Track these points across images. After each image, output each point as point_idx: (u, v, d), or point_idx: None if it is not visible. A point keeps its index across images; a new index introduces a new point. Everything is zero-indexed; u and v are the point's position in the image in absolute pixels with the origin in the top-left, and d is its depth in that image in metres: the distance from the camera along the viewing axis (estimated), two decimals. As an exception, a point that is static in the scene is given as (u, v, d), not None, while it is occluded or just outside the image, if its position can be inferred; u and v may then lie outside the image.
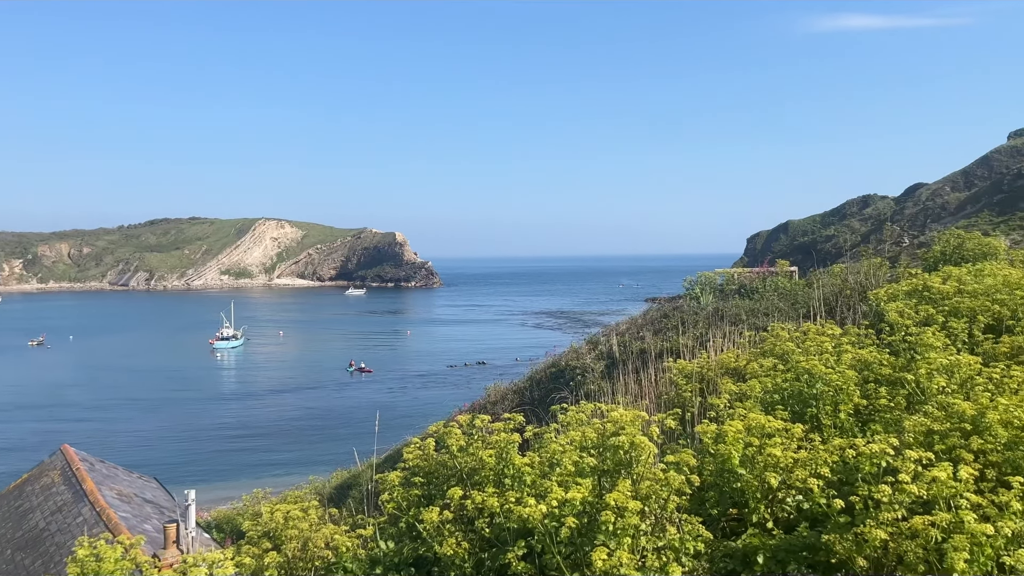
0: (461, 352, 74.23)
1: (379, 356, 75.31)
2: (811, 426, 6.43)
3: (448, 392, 52.98)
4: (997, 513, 4.19)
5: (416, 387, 59.74)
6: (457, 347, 78.59)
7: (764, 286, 18.74)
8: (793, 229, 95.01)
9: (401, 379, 63.52)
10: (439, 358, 72.72)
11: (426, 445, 5.66)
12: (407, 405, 50.62)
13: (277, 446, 43.16)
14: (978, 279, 9.06)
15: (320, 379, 64.27)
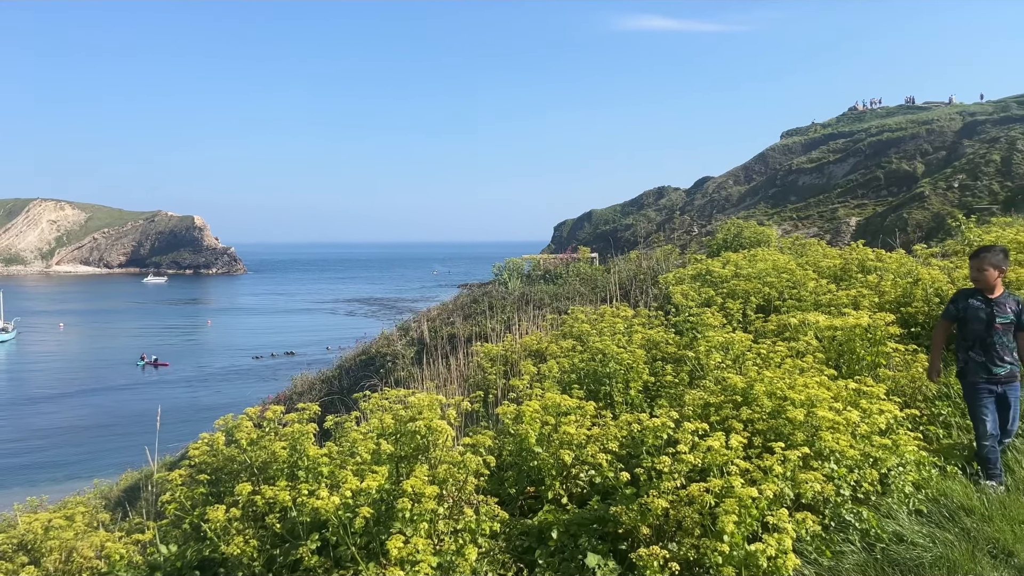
0: (268, 342, 71.06)
1: (176, 348, 70.37)
2: (605, 403, 6.73)
3: (253, 385, 50.59)
4: (762, 476, 4.58)
5: (218, 380, 56.47)
6: (263, 337, 75.16)
7: (567, 272, 19.48)
8: (596, 218, 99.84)
9: (201, 372, 59.78)
10: (243, 349, 69.21)
11: (215, 440, 5.30)
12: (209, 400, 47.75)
13: (57, 449, 39.16)
14: (752, 264, 9.91)
15: (108, 375, 59.01)
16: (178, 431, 23.34)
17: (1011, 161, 53.93)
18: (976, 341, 5.47)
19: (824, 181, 69.95)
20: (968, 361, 5.52)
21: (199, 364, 62.97)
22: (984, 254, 5.54)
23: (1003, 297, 5.49)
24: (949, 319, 5.63)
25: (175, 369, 60.55)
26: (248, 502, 4.42)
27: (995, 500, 4.97)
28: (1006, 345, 5.45)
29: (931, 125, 67.50)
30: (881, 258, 9.23)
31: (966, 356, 5.54)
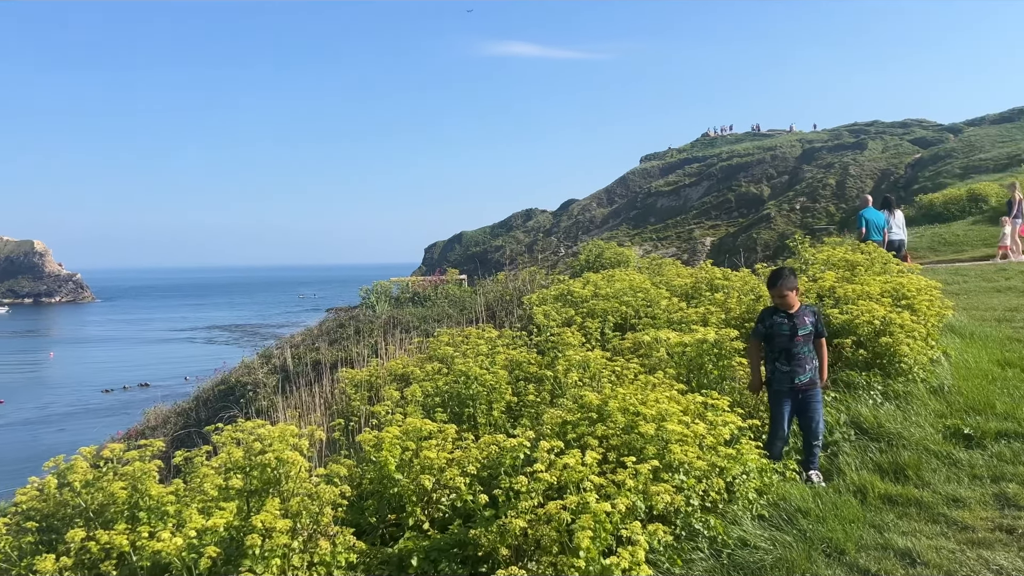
0: (119, 374, 66.37)
1: (12, 385, 64.60)
2: (469, 425, 6.75)
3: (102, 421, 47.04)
4: (616, 491, 4.71)
5: (62, 418, 52.17)
6: (114, 369, 70.16)
7: (436, 294, 19.44)
8: (467, 240, 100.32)
9: (43, 410, 55.03)
10: (92, 382, 64.32)
11: (46, 483, 4.89)
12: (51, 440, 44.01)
13: None
14: (610, 284, 10.24)
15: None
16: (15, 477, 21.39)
17: (844, 185, 58.69)
18: (782, 353, 5.98)
19: (681, 203, 73.50)
20: (775, 371, 6.00)
21: (40, 401, 57.99)
22: (781, 282, 6.03)
23: (801, 311, 6.03)
24: (759, 337, 6.10)
25: (12, 408, 55.56)
26: (81, 549, 4.10)
27: (828, 502, 5.34)
28: (807, 355, 5.97)
29: (775, 151, 72.47)
30: (728, 277, 9.79)
31: (773, 367, 6.03)
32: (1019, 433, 6.21)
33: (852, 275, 9.11)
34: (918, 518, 5.13)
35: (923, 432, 6.36)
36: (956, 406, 6.85)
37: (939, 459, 5.92)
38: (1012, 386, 7.36)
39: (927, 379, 7.30)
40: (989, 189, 28.37)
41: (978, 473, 5.68)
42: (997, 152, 47.36)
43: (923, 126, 68.90)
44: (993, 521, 5.00)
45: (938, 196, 30.44)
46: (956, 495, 5.37)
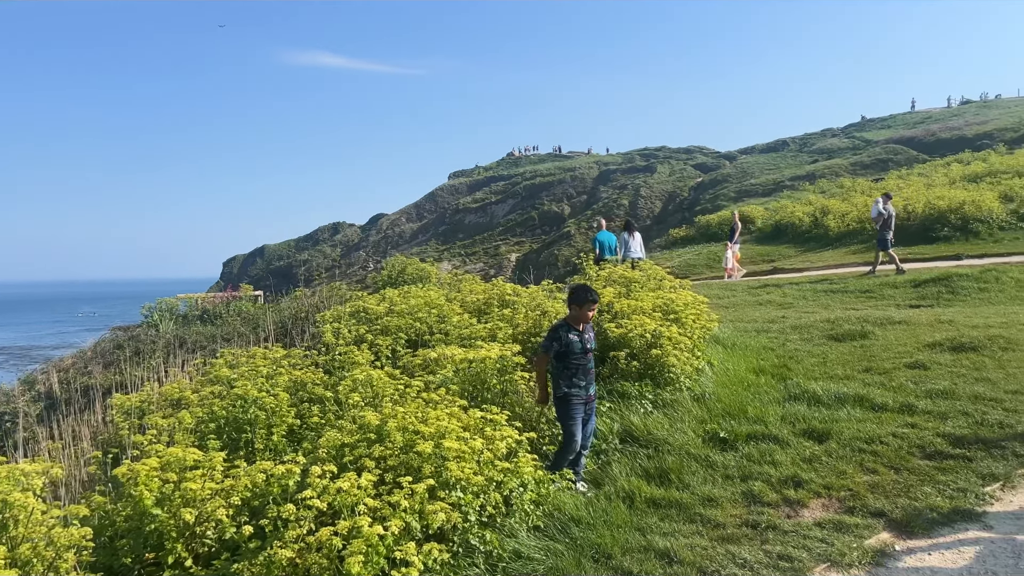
0: None
1: None
2: (247, 451, 6.40)
3: None
4: (391, 512, 4.65)
5: None
6: None
7: (228, 311, 18.42)
8: (269, 253, 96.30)
9: None
10: None
11: None
12: None
13: None
14: (406, 300, 10.19)
15: None
16: None
17: (637, 205, 62.76)
18: (578, 369, 6.15)
19: (488, 220, 75.13)
20: (573, 386, 6.12)
21: None
22: (592, 299, 6.25)
23: (588, 327, 6.29)
24: (551, 353, 6.13)
25: None
26: None
27: (599, 509, 5.59)
28: (593, 369, 6.25)
29: (574, 172, 76.09)
30: (518, 293, 10.07)
31: (571, 382, 6.12)
32: (766, 435, 6.87)
33: (628, 291, 9.70)
34: (678, 519, 5.50)
35: (686, 437, 6.85)
36: (715, 412, 7.45)
37: (698, 462, 6.40)
38: (763, 391, 8.14)
39: (692, 387, 7.89)
40: (755, 212, 31.47)
41: (730, 473, 6.19)
42: (765, 178, 52.76)
43: (704, 152, 75.33)
44: (741, 517, 5.47)
45: (713, 217, 33.34)
46: (711, 495, 5.82)
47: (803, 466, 6.22)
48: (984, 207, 22.22)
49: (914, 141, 54.07)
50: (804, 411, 7.43)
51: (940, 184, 28.85)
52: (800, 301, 15.46)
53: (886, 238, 17.96)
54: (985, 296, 14.07)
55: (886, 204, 18.20)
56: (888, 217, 18.07)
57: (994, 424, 6.86)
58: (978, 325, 10.90)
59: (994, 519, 5.26)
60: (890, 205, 18.30)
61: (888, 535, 5.12)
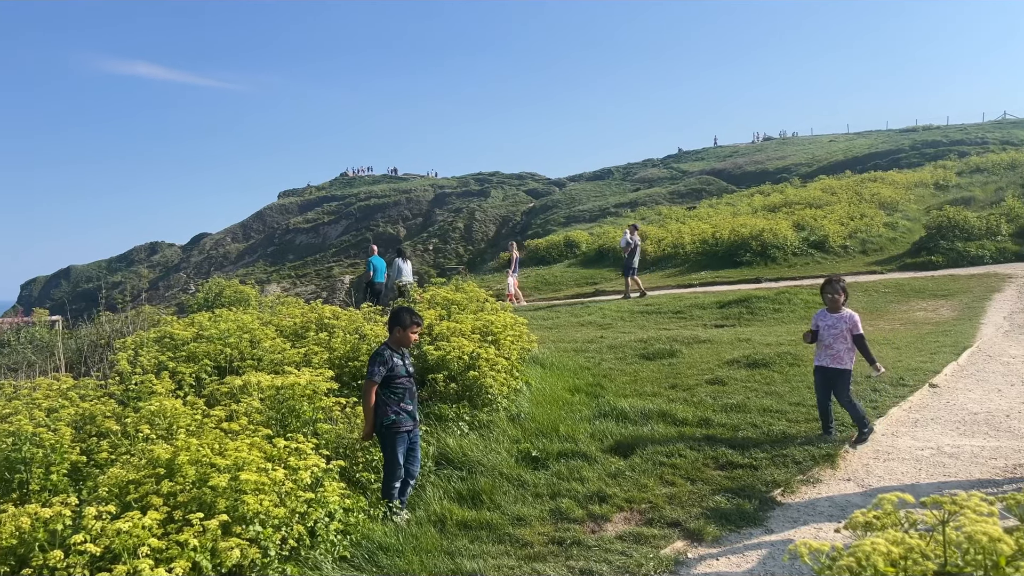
0: None
1: None
2: (20, 493, 5.78)
3: None
4: (179, 552, 4.34)
5: None
6: None
7: (18, 338, 16.68)
8: (76, 275, 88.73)
9: None
10: None
11: None
12: None
13: None
14: (216, 324, 9.65)
15: None
16: None
17: (472, 228, 63.63)
18: (405, 392, 6.06)
19: (320, 241, 73.34)
20: (400, 412, 6.00)
21: None
22: (420, 320, 6.22)
23: (407, 352, 6.25)
24: (379, 379, 5.95)
25: None
26: None
27: (408, 535, 5.52)
28: (416, 392, 6.21)
29: (411, 194, 76.04)
30: (337, 315, 9.83)
31: (398, 408, 5.98)
32: (575, 452, 7.08)
33: (449, 313, 9.74)
34: (487, 540, 5.53)
35: (499, 458, 6.93)
36: (529, 431, 7.60)
37: (510, 482, 6.49)
38: (576, 410, 8.41)
39: (508, 408, 8.01)
40: (581, 236, 32.78)
41: (540, 492, 6.32)
42: (592, 205, 55.20)
43: (535, 179, 77.72)
44: (548, 535, 5.58)
45: (542, 241, 34.39)
46: (521, 514, 5.90)
47: (608, 481, 6.46)
48: (780, 235, 24.37)
49: (724, 173, 58.68)
50: (612, 427, 7.74)
51: (744, 213, 31.42)
52: (619, 322, 16.20)
53: (632, 266, 20.22)
54: (779, 316, 15.37)
55: (632, 235, 20.30)
56: (634, 247, 20.14)
57: (778, 434, 7.46)
58: (771, 343, 11.87)
59: (775, 522, 5.70)
60: (636, 236, 20.47)
61: (682, 543, 5.40)
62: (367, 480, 6.38)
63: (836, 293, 7.38)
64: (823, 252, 23.93)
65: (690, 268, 24.76)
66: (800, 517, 5.78)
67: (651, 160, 76.44)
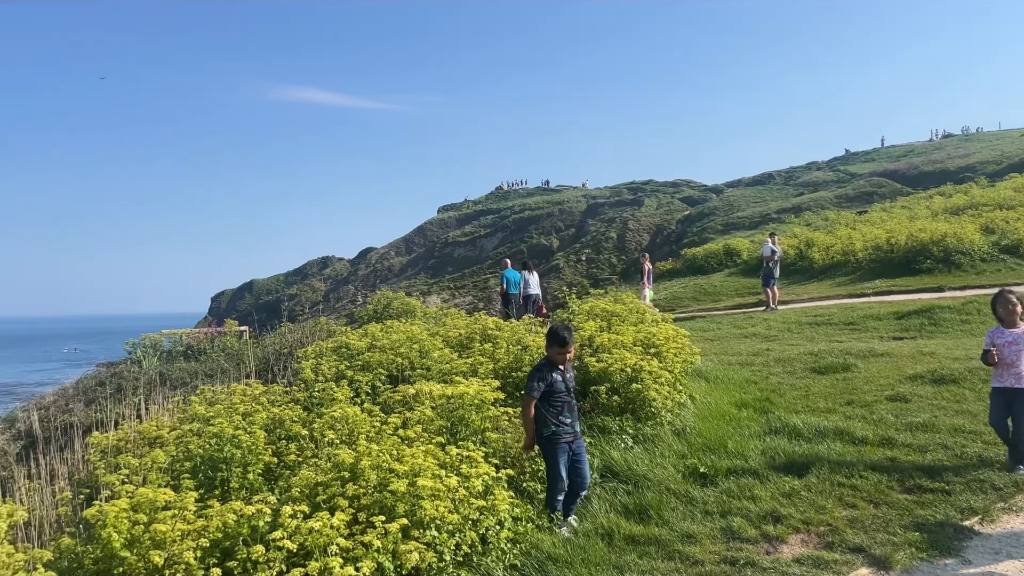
0: None
1: None
2: (222, 491, 6.32)
3: None
4: (364, 552, 4.59)
5: None
6: None
7: (212, 347, 18.31)
8: (258, 288, 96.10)
9: None
10: None
11: None
12: None
13: None
14: (387, 335, 10.16)
15: None
16: None
17: (625, 238, 63.14)
18: (564, 406, 6.14)
19: (477, 253, 75.32)
20: (559, 425, 6.09)
21: None
22: (572, 338, 6.30)
23: (568, 367, 6.30)
24: (537, 395, 6.06)
25: None
26: None
27: (576, 547, 5.54)
28: (576, 405, 6.26)
29: (563, 205, 76.57)
30: (500, 327, 10.06)
31: (556, 421, 6.08)
32: (746, 469, 6.84)
33: (609, 325, 9.71)
34: (656, 556, 5.45)
35: (666, 472, 6.82)
36: (696, 446, 7.43)
37: (677, 498, 6.36)
38: (744, 425, 8.13)
39: (673, 422, 7.87)
40: (741, 244, 31.68)
41: (710, 509, 6.15)
42: (751, 211, 53.24)
43: (691, 186, 76.02)
44: (719, 554, 5.42)
45: (700, 250, 33.55)
46: (690, 531, 5.77)
47: (783, 501, 6.19)
48: (966, 239, 22.47)
49: (897, 174, 54.80)
50: (785, 445, 7.41)
51: (923, 217, 29.19)
52: (785, 333, 15.51)
53: (774, 275, 19.57)
54: (967, 328, 14.14)
55: (775, 243, 20.17)
56: (779, 256, 20.03)
57: (973, 457, 6.86)
58: (959, 357, 10.94)
59: (972, 553, 5.24)
60: (777, 245, 20.33)
61: (867, 571, 5.09)
62: (533, 490, 6.47)
63: (1010, 305, 6.76)
64: (1017, 257, 21.81)
65: (862, 276, 23.32)
66: (1002, 549, 5.28)
67: (815, 163, 72.70)
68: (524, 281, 19.08)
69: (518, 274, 19.25)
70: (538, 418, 6.09)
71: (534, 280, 19.52)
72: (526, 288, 19.01)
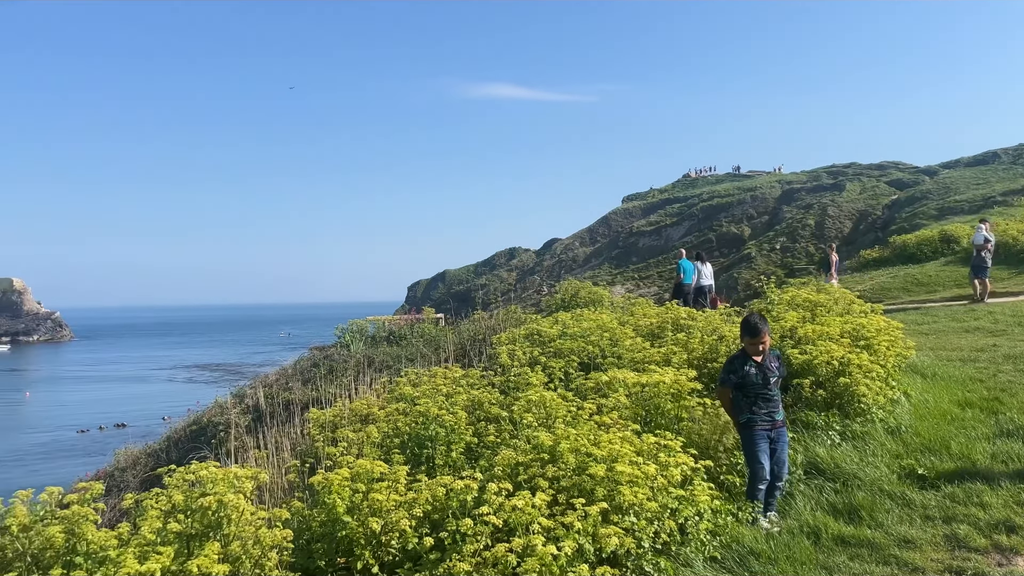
0: (96, 414, 65.33)
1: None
2: (428, 466, 6.70)
3: (77, 461, 46.13)
4: (564, 533, 4.69)
5: (35, 459, 51.19)
6: (91, 408, 69.12)
7: (411, 333, 19.39)
8: (450, 278, 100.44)
9: (14, 450, 54.08)
10: (67, 422, 63.29)
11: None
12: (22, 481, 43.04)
13: None
14: (578, 323, 10.27)
15: None
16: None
17: (823, 225, 59.44)
18: (758, 397, 5.96)
19: (662, 243, 74.02)
20: (754, 414, 5.95)
21: (12, 441, 57.02)
22: (764, 328, 6.07)
23: (768, 357, 6.05)
24: (730, 386, 6.03)
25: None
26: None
27: (780, 543, 5.32)
28: (779, 396, 6.02)
29: (755, 192, 73.38)
30: (693, 316, 9.84)
31: (751, 410, 5.96)
32: (972, 473, 6.24)
33: (813, 315, 9.19)
34: (870, 559, 5.12)
35: (878, 472, 6.37)
36: (912, 446, 6.87)
37: (893, 500, 5.93)
38: (969, 426, 7.40)
39: (885, 419, 7.34)
40: (960, 231, 28.79)
41: (931, 514, 5.68)
42: (972, 194, 48.21)
43: (899, 168, 70.09)
44: (943, 562, 5.00)
45: (911, 237, 30.84)
46: (908, 536, 5.36)
47: (1017, 510, 5.59)
48: None
49: None
50: (1019, 449, 6.68)
51: None
52: (1015, 328, 13.93)
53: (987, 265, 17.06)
54: None
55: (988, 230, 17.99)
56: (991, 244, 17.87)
57: None
58: None
59: None
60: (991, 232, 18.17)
61: None
62: (731, 483, 6.29)
63: None
64: None
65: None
66: None
67: (1050, 137, 64.43)
68: (697, 272, 19.01)
69: (692, 264, 19.24)
70: (735, 406, 6.06)
71: (707, 271, 19.45)
72: (699, 279, 18.97)
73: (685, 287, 18.82)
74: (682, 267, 19.07)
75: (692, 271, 18.96)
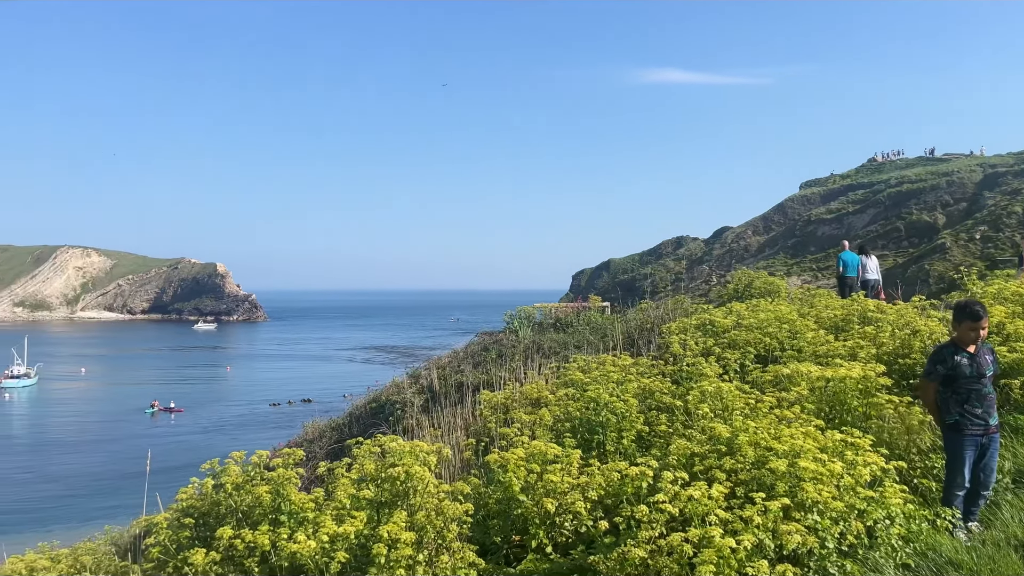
0: (285, 389, 71.19)
1: (194, 395, 70.71)
2: (598, 452, 6.73)
3: (269, 432, 50.52)
4: (743, 527, 4.56)
5: (234, 427, 56.59)
6: (281, 384, 75.38)
7: (578, 320, 19.51)
8: (614, 267, 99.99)
9: (218, 419, 59.97)
10: (261, 396, 69.37)
11: (204, 484, 5.38)
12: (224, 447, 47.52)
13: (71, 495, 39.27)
14: (754, 314, 9.90)
15: (123, 421, 59.39)
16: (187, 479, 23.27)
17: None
18: (971, 394, 5.47)
19: (843, 232, 69.57)
20: (965, 414, 5.46)
21: (216, 411, 63.22)
22: (984, 315, 5.55)
23: (980, 350, 5.53)
24: (937, 379, 5.55)
25: (191, 416, 60.86)
26: (228, 546, 4.47)
27: (984, 555, 4.90)
28: (994, 395, 5.49)
29: (951, 176, 67.35)
30: (882, 309, 9.21)
31: (961, 410, 5.47)
32: None
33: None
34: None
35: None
36: None
37: (1121, 517, 5.28)
38: None
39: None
40: None
41: None
42: None
43: None
44: None
45: None
46: None
47: None
48: None
49: None
50: None
51: None
52: None
53: None
54: None
55: None
56: None
57: None
58: None
59: None
60: None
61: None
62: (926, 487, 5.85)
63: None
64: None
65: None
66: None
67: None
68: (862, 265, 17.91)
69: (856, 257, 18.11)
70: (940, 404, 5.55)
71: (872, 265, 18.34)
72: (864, 273, 17.85)
73: (848, 280, 17.80)
74: (843, 260, 18.12)
75: (855, 264, 17.95)
